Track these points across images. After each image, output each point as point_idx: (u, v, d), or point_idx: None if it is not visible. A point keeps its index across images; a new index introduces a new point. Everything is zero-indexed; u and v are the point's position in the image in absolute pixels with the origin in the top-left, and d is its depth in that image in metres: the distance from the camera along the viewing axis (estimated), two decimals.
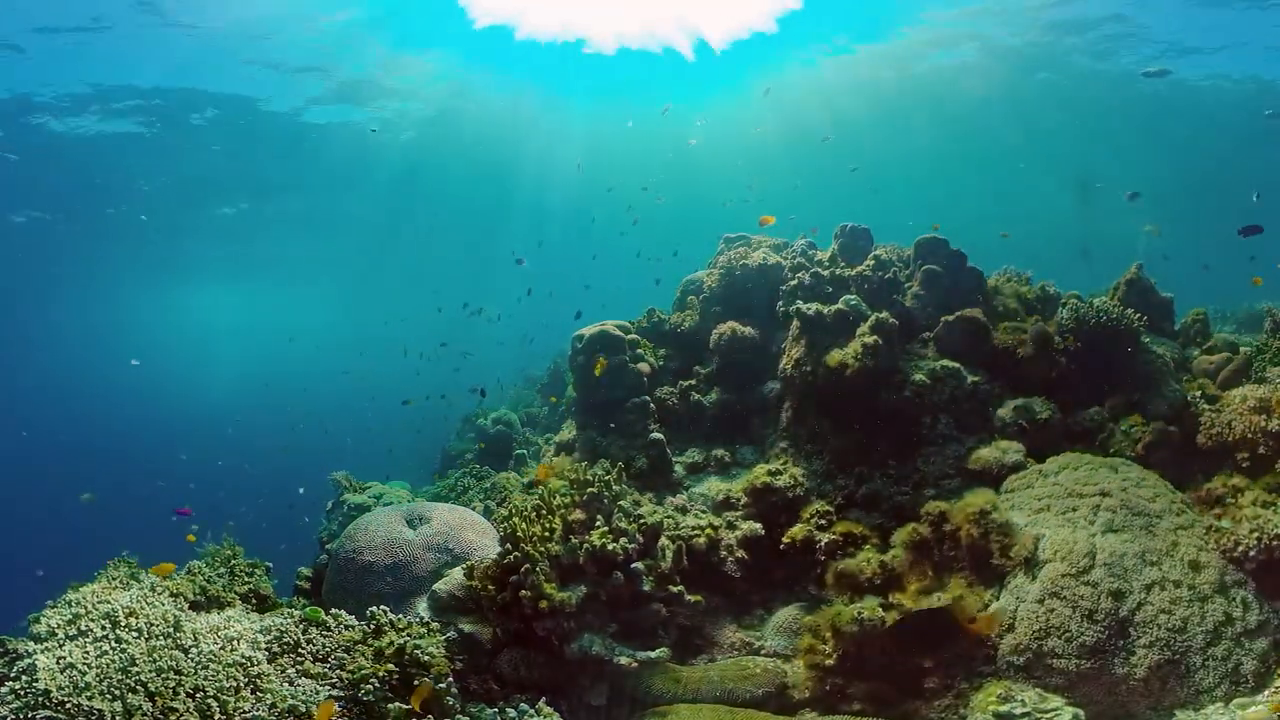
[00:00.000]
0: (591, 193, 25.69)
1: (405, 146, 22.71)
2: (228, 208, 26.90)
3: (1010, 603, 5.07)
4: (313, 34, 15.86)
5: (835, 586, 5.64)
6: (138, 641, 4.08)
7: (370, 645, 4.50)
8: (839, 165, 21.00)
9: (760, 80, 19.06)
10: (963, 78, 20.02)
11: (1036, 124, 23.52)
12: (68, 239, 26.51)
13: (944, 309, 7.33)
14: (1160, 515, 5.28)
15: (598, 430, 7.60)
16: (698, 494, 6.87)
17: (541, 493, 5.68)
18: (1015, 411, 6.60)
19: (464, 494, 8.81)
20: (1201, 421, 6.07)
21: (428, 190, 26.82)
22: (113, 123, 19.10)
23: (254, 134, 20.63)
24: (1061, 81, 20.41)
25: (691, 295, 8.83)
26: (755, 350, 7.86)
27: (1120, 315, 6.81)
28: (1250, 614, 4.85)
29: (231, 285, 39.23)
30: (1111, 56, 19.08)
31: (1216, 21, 16.66)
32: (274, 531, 13.88)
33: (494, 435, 11.82)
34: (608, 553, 5.17)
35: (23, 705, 3.58)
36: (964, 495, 5.80)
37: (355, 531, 5.83)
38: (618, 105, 20.52)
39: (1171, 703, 4.62)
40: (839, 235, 8.26)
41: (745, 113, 21.63)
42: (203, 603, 4.86)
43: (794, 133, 22.74)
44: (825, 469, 6.69)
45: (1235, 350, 6.99)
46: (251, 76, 17.51)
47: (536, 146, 23.08)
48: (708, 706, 4.91)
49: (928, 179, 28.50)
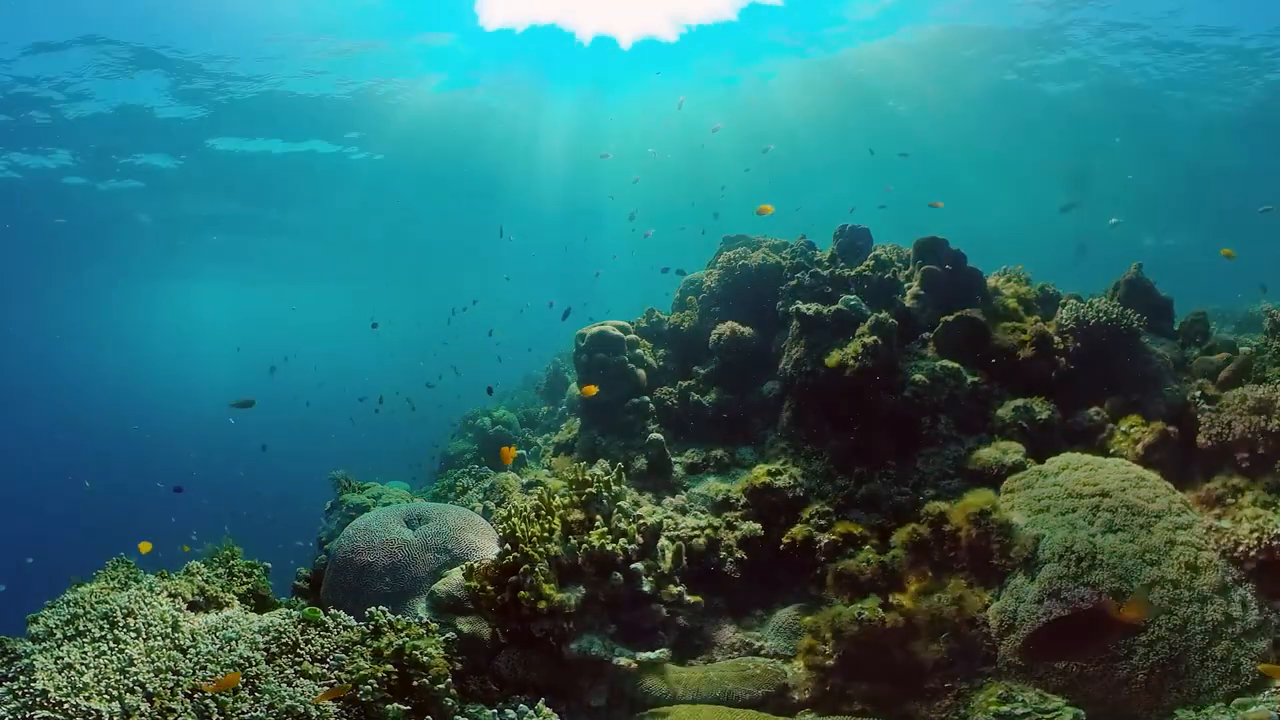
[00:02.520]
0: (593, 196, 25.73)
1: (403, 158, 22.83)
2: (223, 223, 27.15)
3: (1010, 603, 5.07)
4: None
5: (835, 587, 5.64)
6: (136, 642, 4.07)
7: (369, 646, 4.49)
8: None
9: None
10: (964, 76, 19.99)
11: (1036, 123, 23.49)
12: (70, 238, 26.65)
13: (943, 309, 7.33)
14: (1160, 515, 5.27)
15: (598, 430, 7.61)
16: (697, 494, 6.86)
17: (541, 493, 5.67)
18: (1015, 412, 6.60)
19: (463, 494, 8.80)
20: (1201, 422, 6.06)
21: (430, 198, 26.86)
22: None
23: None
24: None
25: (691, 295, 8.83)
26: (754, 350, 7.86)
27: (1120, 315, 6.80)
28: (1250, 614, 4.84)
29: (233, 285, 39.30)
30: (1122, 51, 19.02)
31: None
32: (274, 531, 13.88)
33: (493, 436, 11.82)
34: (607, 553, 5.16)
35: (20, 705, 3.57)
36: (964, 496, 5.79)
37: (354, 532, 5.82)
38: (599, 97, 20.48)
39: (1172, 703, 4.61)
40: (838, 235, 8.26)
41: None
42: (201, 603, 4.85)
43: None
44: (825, 469, 6.68)
45: (1235, 350, 6.99)
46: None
47: (522, 147, 23.10)
48: (707, 707, 4.90)
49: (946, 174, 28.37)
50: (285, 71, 17.29)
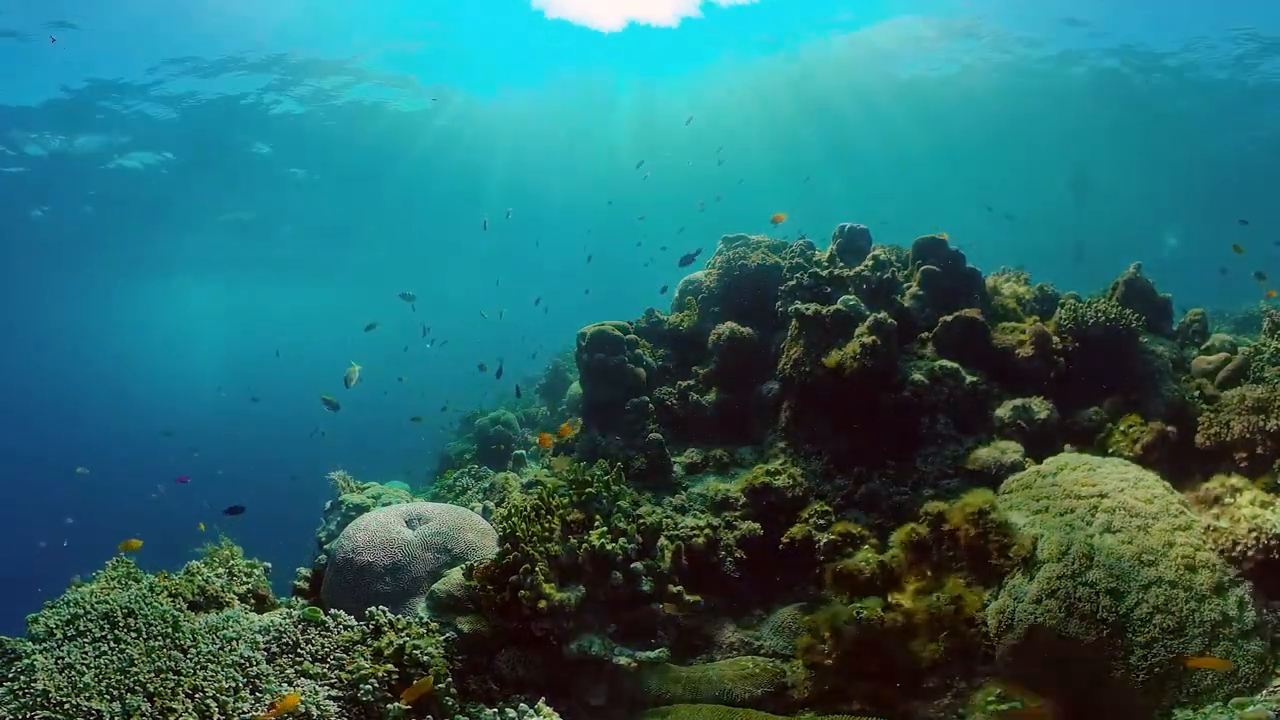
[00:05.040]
0: (594, 198, 25.76)
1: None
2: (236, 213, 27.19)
3: (1008, 603, 5.08)
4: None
5: (834, 586, 5.65)
6: (136, 642, 4.07)
7: (369, 646, 4.50)
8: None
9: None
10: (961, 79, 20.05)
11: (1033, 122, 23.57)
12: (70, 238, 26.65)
13: (942, 309, 7.33)
14: (1158, 516, 5.28)
15: (598, 429, 7.61)
16: (696, 494, 6.87)
17: (540, 493, 5.68)
18: (1014, 411, 6.61)
19: (463, 494, 8.82)
20: (1200, 421, 6.07)
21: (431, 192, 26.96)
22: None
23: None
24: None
25: (690, 295, 8.83)
26: (754, 350, 7.86)
27: (1119, 315, 6.81)
28: (1248, 614, 4.85)
29: (233, 285, 39.28)
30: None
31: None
32: (273, 531, 13.85)
33: (492, 435, 11.83)
34: (607, 553, 5.17)
35: (21, 705, 3.58)
36: (962, 495, 5.80)
37: (354, 532, 5.82)
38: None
39: (1170, 703, 4.62)
40: (837, 235, 8.26)
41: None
42: (201, 603, 4.85)
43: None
44: (824, 469, 6.69)
45: (1233, 350, 6.99)
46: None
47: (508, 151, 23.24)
48: (707, 706, 4.91)
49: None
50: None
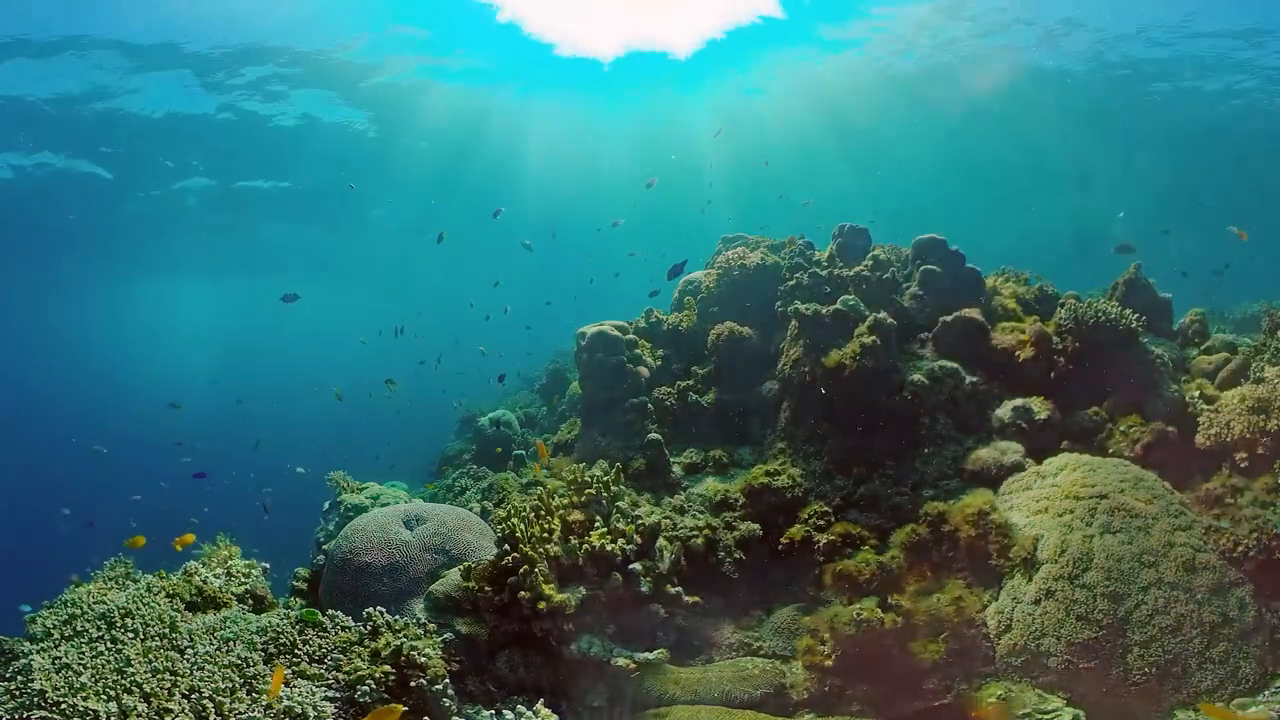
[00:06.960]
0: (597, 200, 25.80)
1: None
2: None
3: (1008, 604, 5.07)
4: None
5: (834, 587, 5.64)
6: (133, 642, 4.06)
7: (367, 646, 4.49)
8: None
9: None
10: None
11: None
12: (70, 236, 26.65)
13: (942, 309, 7.32)
14: (1158, 516, 5.27)
15: (598, 430, 7.60)
16: (696, 494, 6.86)
17: (540, 493, 5.66)
18: (1014, 412, 6.59)
19: (461, 495, 8.80)
20: (1200, 422, 6.06)
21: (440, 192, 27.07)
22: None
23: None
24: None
25: (689, 296, 8.82)
26: (753, 350, 7.85)
27: (1119, 316, 6.80)
28: (1248, 614, 4.84)
29: (233, 283, 39.26)
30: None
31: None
32: (272, 531, 13.85)
33: (492, 436, 11.79)
34: (606, 554, 5.16)
35: (18, 706, 3.57)
36: (962, 496, 5.79)
37: (352, 532, 5.81)
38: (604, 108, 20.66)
39: (1171, 703, 4.61)
40: (837, 235, 8.25)
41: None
42: (199, 603, 4.84)
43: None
44: (823, 470, 6.68)
45: (1233, 350, 6.98)
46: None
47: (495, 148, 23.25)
48: (706, 708, 4.90)
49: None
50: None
